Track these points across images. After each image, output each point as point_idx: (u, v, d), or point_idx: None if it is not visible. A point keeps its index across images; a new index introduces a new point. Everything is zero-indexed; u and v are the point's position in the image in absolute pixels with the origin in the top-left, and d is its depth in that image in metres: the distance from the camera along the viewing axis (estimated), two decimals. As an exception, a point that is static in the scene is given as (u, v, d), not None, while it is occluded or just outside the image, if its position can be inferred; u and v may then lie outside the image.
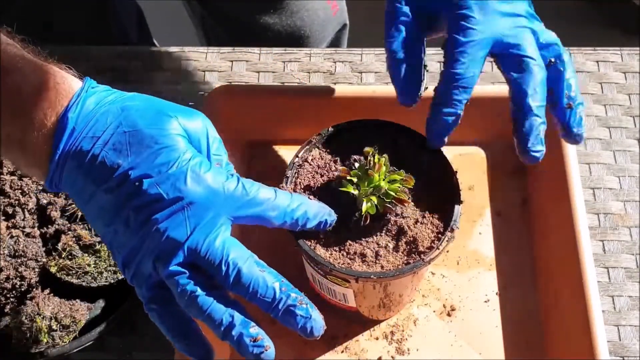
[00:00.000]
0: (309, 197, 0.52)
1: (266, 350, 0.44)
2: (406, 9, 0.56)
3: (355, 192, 0.52)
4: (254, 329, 0.44)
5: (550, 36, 0.56)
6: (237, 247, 0.46)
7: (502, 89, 0.69)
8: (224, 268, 0.44)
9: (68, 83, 0.47)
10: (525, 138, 0.52)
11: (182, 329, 0.46)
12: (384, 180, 0.52)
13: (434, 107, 0.54)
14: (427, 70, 0.57)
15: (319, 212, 0.51)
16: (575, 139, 0.54)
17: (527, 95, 0.52)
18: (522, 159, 0.53)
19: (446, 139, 0.55)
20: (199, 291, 0.44)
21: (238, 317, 0.44)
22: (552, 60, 0.55)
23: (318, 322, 0.45)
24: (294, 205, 0.49)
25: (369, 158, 0.52)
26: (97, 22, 0.95)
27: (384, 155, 0.53)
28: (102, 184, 0.45)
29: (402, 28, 0.56)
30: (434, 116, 0.54)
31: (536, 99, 0.52)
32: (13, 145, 0.47)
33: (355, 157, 0.55)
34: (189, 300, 0.44)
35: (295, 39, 0.97)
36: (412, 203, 0.54)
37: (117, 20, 0.98)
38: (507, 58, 0.54)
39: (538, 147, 0.52)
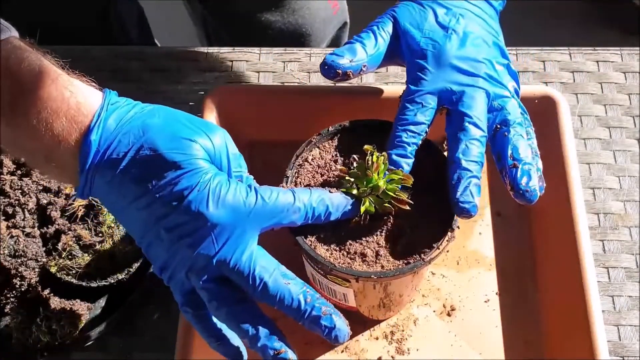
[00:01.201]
0: (329, 191, 0.52)
1: None
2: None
3: (355, 191, 0.52)
4: (277, 343, 0.47)
5: (505, 101, 0.56)
6: (264, 259, 0.48)
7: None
8: (251, 281, 0.47)
9: (89, 101, 0.48)
10: (455, 189, 0.53)
11: (215, 331, 0.49)
12: (382, 179, 0.52)
13: (387, 153, 0.54)
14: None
15: (340, 204, 0.52)
16: (524, 195, 0.53)
17: (458, 150, 0.54)
18: (453, 210, 0.53)
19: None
20: (227, 304, 0.47)
21: (262, 331, 0.47)
22: (498, 126, 0.56)
23: (342, 330, 0.48)
24: (314, 202, 0.50)
25: (367, 157, 0.52)
26: (99, 21, 0.95)
27: (382, 153, 0.53)
28: (131, 202, 0.47)
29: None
30: (388, 161, 0.54)
31: (467, 154, 0.53)
32: (40, 159, 0.48)
33: (354, 156, 0.55)
34: (218, 311, 0.48)
35: (296, 37, 0.97)
36: (412, 202, 0.53)
37: (119, 20, 0.98)
38: (452, 113, 0.56)
39: (468, 199, 0.52)
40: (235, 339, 0.50)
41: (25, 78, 0.46)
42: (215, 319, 0.49)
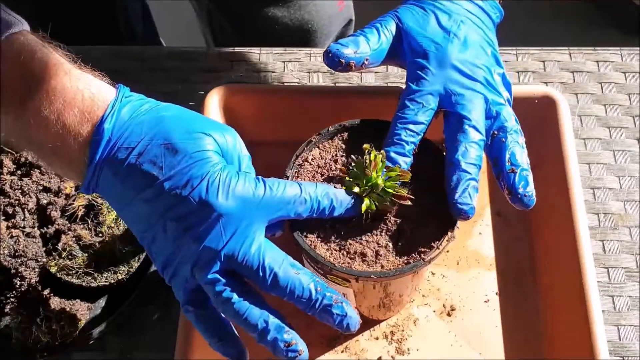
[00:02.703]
0: (334, 186, 0.52)
1: (300, 354, 0.46)
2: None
3: (356, 190, 0.53)
4: (288, 335, 0.46)
5: (501, 108, 0.57)
6: (272, 250, 0.48)
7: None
8: (261, 273, 0.47)
9: (102, 93, 0.48)
10: (454, 191, 0.53)
11: (217, 330, 0.49)
12: (381, 177, 0.52)
13: (384, 150, 0.54)
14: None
15: (344, 200, 0.52)
16: (522, 200, 0.54)
17: (457, 152, 0.54)
18: (451, 211, 0.53)
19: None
20: (235, 297, 0.46)
21: (272, 323, 0.46)
22: (496, 132, 0.56)
23: (354, 318, 0.48)
24: (320, 196, 0.50)
25: (365, 156, 0.52)
26: (106, 15, 0.96)
27: (381, 152, 0.53)
28: (138, 194, 0.47)
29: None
30: (386, 159, 0.54)
31: (466, 157, 0.54)
32: (47, 151, 0.47)
33: (353, 156, 0.55)
34: (226, 306, 0.47)
35: (302, 33, 0.98)
36: (412, 197, 0.53)
37: (125, 15, 0.99)
38: (450, 115, 0.56)
39: (466, 200, 0.52)
40: (237, 339, 0.49)
41: (36, 70, 0.46)
42: (217, 318, 0.49)
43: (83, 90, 0.47)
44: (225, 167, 0.48)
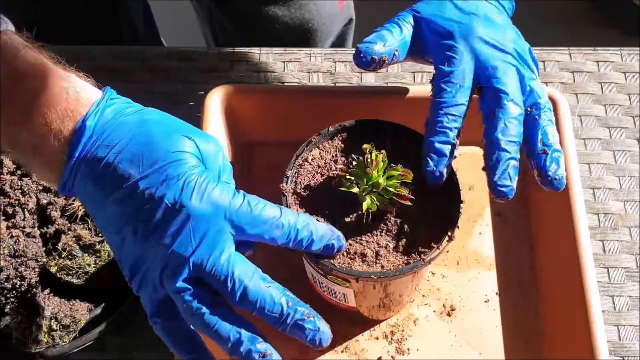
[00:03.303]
0: (317, 220, 0.51)
1: None
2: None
3: (356, 190, 0.52)
4: (262, 345, 0.44)
5: (533, 84, 0.55)
6: (242, 262, 0.46)
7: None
8: (229, 285, 0.45)
9: (87, 92, 0.47)
10: (493, 171, 0.51)
11: (186, 343, 0.46)
12: (382, 177, 0.52)
13: (426, 142, 0.53)
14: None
15: (325, 234, 0.50)
16: (552, 183, 0.52)
17: (496, 129, 0.52)
18: (491, 193, 0.52)
19: (445, 173, 0.53)
20: (205, 309, 0.44)
21: (245, 334, 0.44)
22: (529, 108, 0.54)
23: (326, 333, 0.46)
24: (299, 225, 0.48)
25: (366, 155, 0.52)
26: (107, 16, 0.96)
27: (381, 151, 0.53)
28: (112, 193, 0.46)
29: None
30: (428, 150, 0.52)
31: (506, 134, 0.52)
32: (27, 149, 0.47)
33: (354, 155, 0.55)
34: (195, 318, 0.44)
35: (302, 32, 0.98)
36: (413, 197, 0.53)
37: (127, 15, 0.99)
38: (487, 90, 0.54)
39: (506, 182, 0.51)
40: (207, 352, 0.47)
41: (19, 69, 0.46)
42: (186, 330, 0.46)
43: (67, 89, 0.46)
44: (203, 171, 0.47)
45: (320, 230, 0.50)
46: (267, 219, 0.47)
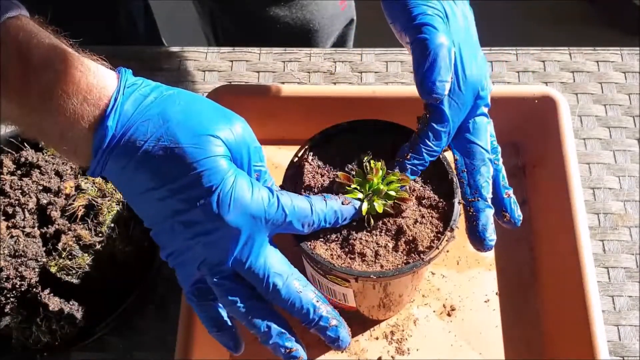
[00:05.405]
0: (336, 200, 0.52)
1: None
2: None
3: (361, 195, 0.53)
4: (289, 342, 0.49)
5: (492, 136, 0.57)
6: (278, 263, 0.49)
7: (500, 90, 0.69)
8: (264, 285, 0.48)
9: (103, 81, 0.46)
10: (484, 229, 0.54)
11: (217, 321, 0.51)
12: (383, 183, 0.53)
13: (399, 161, 0.54)
14: None
15: (349, 214, 0.53)
16: (516, 222, 0.56)
17: (481, 188, 0.54)
18: (475, 245, 0.55)
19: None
20: (240, 302, 0.48)
21: (275, 329, 0.49)
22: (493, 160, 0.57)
23: (345, 341, 0.51)
24: (327, 216, 0.51)
25: (364, 164, 0.53)
26: (107, 12, 0.96)
27: (380, 160, 0.53)
28: (145, 192, 0.47)
29: None
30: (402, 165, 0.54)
31: (488, 190, 0.55)
32: (55, 139, 0.46)
33: (350, 165, 0.55)
34: (231, 308, 0.49)
35: (304, 32, 0.98)
36: (415, 200, 0.54)
37: (126, 12, 0.99)
38: (470, 153, 0.56)
39: (493, 237, 0.54)
40: (234, 332, 0.51)
41: (34, 56, 0.45)
42: (217, 310, 0.50)
43: (80, 79, 0.46)
44: (237, 177, 0.47)
45: (345, 213, 0.52)
46: (299, 219, 0.50)
